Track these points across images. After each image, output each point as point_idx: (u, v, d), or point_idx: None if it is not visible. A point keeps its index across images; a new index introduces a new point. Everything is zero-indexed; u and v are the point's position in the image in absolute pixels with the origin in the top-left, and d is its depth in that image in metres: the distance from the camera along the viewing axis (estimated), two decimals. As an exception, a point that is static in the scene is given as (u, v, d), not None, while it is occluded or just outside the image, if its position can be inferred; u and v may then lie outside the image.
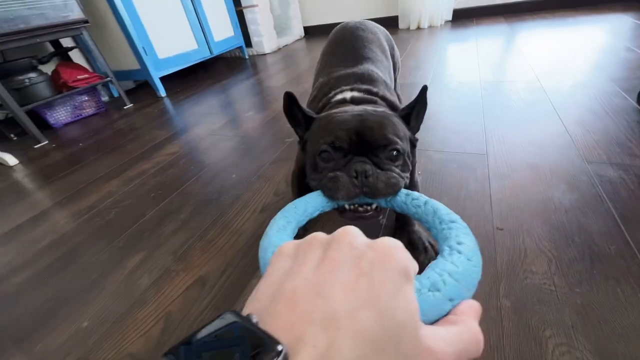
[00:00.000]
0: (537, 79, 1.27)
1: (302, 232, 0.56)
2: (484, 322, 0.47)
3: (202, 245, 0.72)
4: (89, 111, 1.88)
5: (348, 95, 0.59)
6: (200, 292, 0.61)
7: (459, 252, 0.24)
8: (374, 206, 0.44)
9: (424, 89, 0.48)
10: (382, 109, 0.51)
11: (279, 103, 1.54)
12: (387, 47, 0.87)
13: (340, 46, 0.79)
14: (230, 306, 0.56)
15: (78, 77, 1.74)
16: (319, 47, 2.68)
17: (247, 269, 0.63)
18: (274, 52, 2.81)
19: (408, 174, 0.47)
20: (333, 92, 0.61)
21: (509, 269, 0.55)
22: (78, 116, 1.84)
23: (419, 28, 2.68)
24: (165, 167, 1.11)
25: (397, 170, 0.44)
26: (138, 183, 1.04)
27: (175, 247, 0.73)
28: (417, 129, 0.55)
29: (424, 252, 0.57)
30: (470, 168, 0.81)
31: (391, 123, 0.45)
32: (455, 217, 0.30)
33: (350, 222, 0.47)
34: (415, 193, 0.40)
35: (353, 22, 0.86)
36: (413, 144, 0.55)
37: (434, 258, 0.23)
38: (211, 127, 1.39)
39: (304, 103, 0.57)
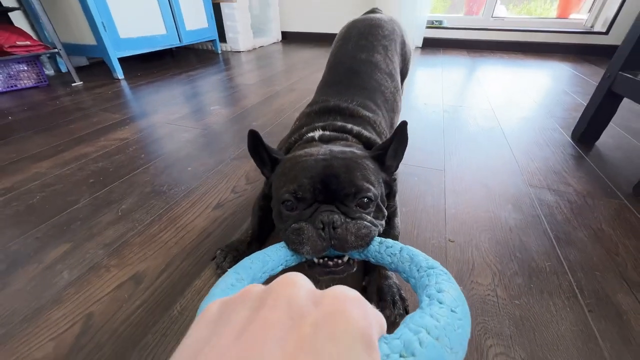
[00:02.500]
0: (492, 109, 1.39)
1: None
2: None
3: (142, 240, 0.64)
4: (26, 83, 1.65)
5: (317, 134, 0.55)
6: (132, 291, 0.53)
7: (440, 302, 0.20)
8: (345, 259, 0.40)
9: (403, 125, 0.44)
10: (350, 148, 0.46)
11: (249, 100, 1.50)
12: (397, 59, 0.79)
13: (339, 65, 0.72)
14: (164, 311, 0.50)
15: (17, 42, 1.52)
16: (295, 52, 2.68)
17: (191, 270, 0.57)
18: (249, 51, 2.75)
19: (383, 221, 0.43)
20: (306, 128, 0.57)
21: (458, 279, 0.56)
22: (12, 87, 1.61)
23: (391, 49, 2.81)
24: (110, 153, 1.00)
25: (369, 218, 0.40)
26: (75, 167, 0.91)
27: (109, 240, 0.64)
28: (396, 168, 0.49)
29: (390, 306, 0.47)
30: (428, 183, 0.84)
31: (360, 167, 0.42)
32: (434, 262, 0.27)
33: (319, 278, 0.44)
34: (390, 241, 0.36)
35: (363, 23, 0.75)
36: (390, 186, 0.49)
37: (403, 315, 0.18)
38: (170, 117, 1.30)
39: (276, 102, 0.54)
